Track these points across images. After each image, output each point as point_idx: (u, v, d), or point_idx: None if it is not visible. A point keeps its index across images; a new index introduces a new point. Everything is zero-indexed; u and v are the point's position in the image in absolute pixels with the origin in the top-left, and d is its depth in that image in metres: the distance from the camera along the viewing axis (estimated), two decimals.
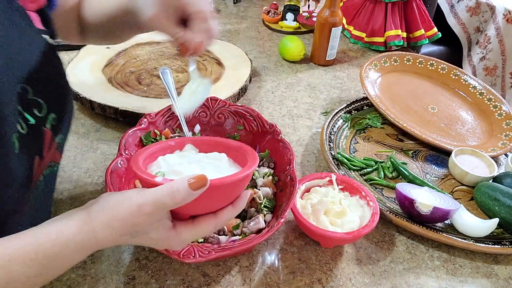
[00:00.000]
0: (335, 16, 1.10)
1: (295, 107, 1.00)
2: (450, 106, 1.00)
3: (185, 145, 0.56)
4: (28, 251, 0.41)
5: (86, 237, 0.43)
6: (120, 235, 0.44)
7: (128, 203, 0.43)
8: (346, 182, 0.71)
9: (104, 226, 0.43)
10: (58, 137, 0.52)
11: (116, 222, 0.43)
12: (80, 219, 0.43)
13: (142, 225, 0.43)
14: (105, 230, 0.43)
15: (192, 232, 0.46)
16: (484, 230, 0.68)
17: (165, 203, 0.42)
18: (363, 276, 0.63)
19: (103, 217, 0.43)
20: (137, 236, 0.44)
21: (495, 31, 1.87)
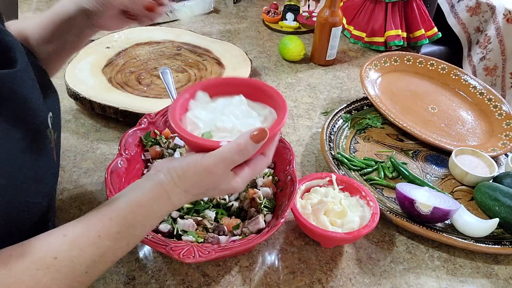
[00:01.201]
0: (335, 16, 1.10)
1: (295, 107, 1.00)
2: (450, 106, 1.00)
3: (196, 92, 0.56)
4: (114, 225, 0.44)
5: (163, 205, 0.47)
6: (194, 195, 0.48)
7: (197, 167, 0.46)
8: (346, 182, 0.71)
9: (177, 190, 0.47)
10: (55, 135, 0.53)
11: (188, 185, 0.47)
12: (153, 189, 0.46)
13: (214, 183, 0.47)
14: (179, 194, 0.47)
15: (250, 172, 0.49)
16: (484, 230, 0.68)
17: (235, 161, 0.46)
18: (363, 276, 0.63)
19: (174, 183, 0.46)
20: (209, 192, 0.49)
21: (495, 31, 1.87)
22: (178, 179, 0.47)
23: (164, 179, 0.47)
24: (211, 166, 0.46)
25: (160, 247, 0.54)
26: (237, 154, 0.46)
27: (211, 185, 0.47)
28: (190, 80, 1.00)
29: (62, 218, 0.68)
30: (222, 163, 0.46)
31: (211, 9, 1.43)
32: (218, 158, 0.46)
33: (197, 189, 0.48)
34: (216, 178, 0.47)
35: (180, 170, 0.47)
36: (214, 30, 1.32)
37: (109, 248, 0.44)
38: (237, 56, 1.10)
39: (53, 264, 0.40)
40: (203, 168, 0.46)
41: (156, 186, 0.47)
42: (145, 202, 0.46)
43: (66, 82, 0.92)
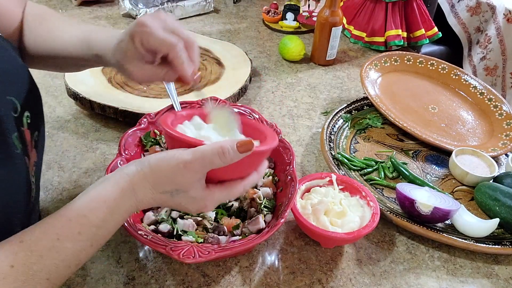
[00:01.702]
0: (335, 16, 1.10)
1: (295, 107, 1.00)
2: (451, 106, 1.00)
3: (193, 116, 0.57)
4: (74, 226, 0.41)
5: (127, 199, 0.43)
6: (161, 193, 0.45)
7: (172, 160, 0.44)
8: (346, 182, 0.70)
9: (144, 184, 0.43)
10: (34, 135, 0.51)
11: (159, 179, 0.44)
12: (118, 181, 0.44)
13: (185, 182, 0.44)
14: (146, 188, 0.44)
15: (224, 193, 0.48)
16: (484, 230, 0.68)
17: (213, 161, 0.44)
18: (363, 276, 0.63)
19: (143, 174, 0.44)
20: (177, 194, 0.45)
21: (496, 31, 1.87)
22: (149, 170, 0.44)
23: (133, 170, 0.44)
24: (188, 160, 0.43)
25: (160, 247, 0.53)
26: (218, 156, 0.44)
27: (181, 184, 0.44)
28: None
29: None
30: (200, 160, 0.43)
31: (211, 9, 1.43)
32: (197, 154, 0.44)
33: (166, 186, 0.44)
34: (189, 176, 0.44)
35: (154, 161, 0.44)
36: (214, 30, 1.32)
37: (70, 251, 0.41)
38: (237, 56, 1.10)
39: (10, 274, 0.37)
40: (179, 161, 0.43)
41: (122, 178, 0.44)
42: (107, 197, 0.43)
43: (66, 82, 0.92)
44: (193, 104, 0.76)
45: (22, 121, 0.47)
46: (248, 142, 0.45)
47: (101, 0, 1.43)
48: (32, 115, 0.50)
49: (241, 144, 0.44)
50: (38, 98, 0.54)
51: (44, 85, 1.00)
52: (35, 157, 0.51)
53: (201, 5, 1.40)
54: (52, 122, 0.89)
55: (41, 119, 0.55)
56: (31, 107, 0.50)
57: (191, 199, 0.46)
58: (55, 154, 0.81)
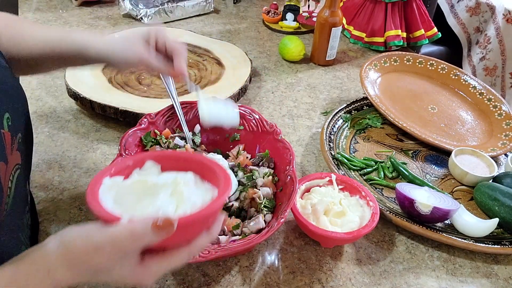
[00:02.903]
0: (335, 16, 1.10)
1: (295, 107, 1.00)
2: (450, 106, 1.00)
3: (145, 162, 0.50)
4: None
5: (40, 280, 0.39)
6: (79, 273, 0.40)
7: (85, 242, 0.39)
8: (346, 182, 0.71)
9: (61, 263, 0.39)
10: (17, 136, 0.50)
11: (73, 259, 0.39)
12: (35, 260, 0.40)
13: (102, 265, 0.40)
14: (63, 267, 0.39)
15: (163, 264, 0.42)
16: (484, 230, 0.68)
17: (125, 246, 0.39)
18: (363, 276, 0.63)
19: (60, 253, 0.39)
20: (99, 275, 0.41)
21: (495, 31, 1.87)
22: (65, 249, 0.39)
23: (50, 249, 0.40)
24: (98, 243, 0.38)
25: None
26: (129, 241, 0.38)
27: (100, 267, 0.40)
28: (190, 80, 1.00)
29: (63, 218, 0.68)
30: (110, 244, 0.38)
31: (211, 9, 1.43)
32: (107, 237, 0.39)
33: (83, 268, 0.40)
34: (105, 260, 0.39)
35: (70, 240, 0.40)
36: (214, 30, 1.32)
37: None
38: (237, 56, 1.10)
39: None
40: (90, 243, 0.39)
41: (37, 257, 0.40)
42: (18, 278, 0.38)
43: (67, 82, 0.92)
44: (193, 104, 0.76)
45: (2, 123, 0.45)
46: (166, 222, 0.38)
47: (102, 1, 1.44)
48: (13, 116, 0.48)
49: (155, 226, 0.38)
50: (21, 99, 0.53)
51: (45, 85, 1.00)
52: (18, 159, 0.50)
53: (201, 5, 1.40)
54: (53, 122, 0.89)
55: (25, 121, 0.53)
56: (13, 108, 0.49)
57: (119, 277, 0.41)
58: (56, 154, 0.81)
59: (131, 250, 0.40)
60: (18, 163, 0.50)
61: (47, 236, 0.65)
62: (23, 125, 0.53)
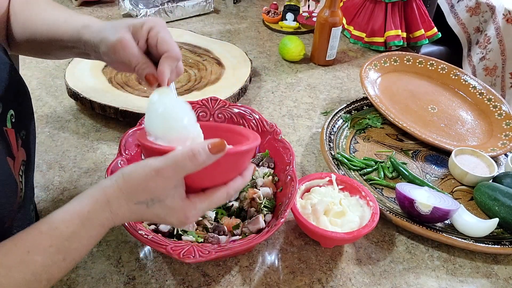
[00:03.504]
0: (335, 16, 1.10)
1: (295, 107, 1.00)
2: (450, 106, 1.00)
3: None
4: (45, 238, 0.39)
5: (100, 211, 0.42)
6: (135, 203, 0.43)
7: (144, 168, 0.42)
8: (346, 182, 0.71)
9: (118, 195, 0.42)
10: (21, 133, 0.50)
11: (132, 188, 0.42)
12: (94, 194, 0.42)
13: (159, 190, 0.42)
14: (120, 199, 0.42)
15: (206, 202, 0.45)
16: (484, 230, 0.68)
17: (186, 166, 0.42)
18: (363, 276, 0.63)
19: (117, 186, 0.42)
20: (153, 205, 0.43)
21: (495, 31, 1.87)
22: (123, 181, 0.42)
23: (108, 183, 0.42)
24: (159, 167, 0.42)
25: (160, 247, 0.54)
26: (190, 160, 0.42)
27: (156, 192, 0.42)
28: (190, 80, 1.00)
29: None
30: (171, 166, 0.42)
31: (211, 9, 1.43)
32: (168, 160, 0.42)
33: (140, 195, 0.42)
34: (163, 184, 0.42)
35: (127, 171, 0.43)
36: (214, 30, 1.32)
37: (40, 264, 0.39)
38: (237, 56, 1.10)
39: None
40: (151, 168, 0.42)
41: (97, 191, 0.42)
42: (80, 210, 0.42)
43: (67, 82, 0.92)
44: (193, 104, 0.76)
45: (6, 120, 0.46)
46: (220, 143, 0.43)
47: (102, 0, 1.44)
48: (17, 114, 0.49)
49: (213, 145, 0.42)
50: (25, 96, 0.53)
51: (45, 85, 1.00)
52: (23, 156, 0.50)
53: (201, 5, 1.40)
54: (53, 122, 0.89)
55: (29, 118, 0.54)
56: (16, 105, 0.49)
57: (169, 210, 0.44)
58: (56, 154, 0.81)
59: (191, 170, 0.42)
60: (23, 159, 0.50)
61: None
62: (27, 122, 0.53)
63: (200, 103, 0.76)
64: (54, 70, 1.06)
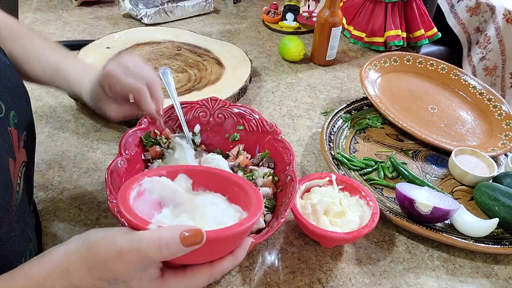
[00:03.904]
0: (335, 16, 1.10)
1: (295, 107, 1.00)
2: (450, 106, 1.00)
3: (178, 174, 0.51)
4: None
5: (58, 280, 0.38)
6: (98, 279, 0.38)
7: (109, 245, 0.38)
8: (346, 182, 0.71)
9: (80, 265, 0.38)
10: (22, 134, 0.50)
11: (94, 262, 0.38)
12: (55, 258, 0.39)
13: (122, 273, 0.38)
14: (82, 271, 0.38)
15: (183, 283, 0.40)
16: (484, 230, 0.68)
17: (150, 256, 0.37)
18: (363, 276, 0.63)
19: (81, 255, 0.39)
20: (116, 284, 0.39)
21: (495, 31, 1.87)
22: (87, 250, 0.38)
23: (72, 249, 0.39)
24: (122, 249, 0.37)
25: None
26: (155, 251, 0.36)
27: (118, 274, 0.38)
28: (190, 80, 1.00)
29: (62, 218, 0.68)
30: (135, 252, 0.37)
31: (211, 9, 1.43)
32: (133, 243, 0.37)
33: (102, 272, 0.38)
34: (126, 267, 0.37)
35: (94, 240, 0.39)
36: (214, 30, 1.32)
37: None
38: (237, 56, 1.10)
39: None
40: (114, 248, 0.37)
41: (60, 255, 0.39)
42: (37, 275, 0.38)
43: None
44: (193, 104, 0.76)
45: (9, 121, 0.46)
46: (196, 233, 0.36)
47: (102, 0, 1.44)
48: (19, 115, 0.49)
49: (185, 236, 0.36)
50: (25, 97, 0.53)
51: None
52: (24, 157, 0.50)
53: (201, 5, 1.40)
54: (53, 122, 0.89)
55: (29, 119, 0.54)
56: (18, 107, 0.49)
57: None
58: (56, 154, 0.81)
59: (156, 260, 0.38)
60: (24, 160, 0.50)
61: (47, 236, 0.65)
62: (28, 124, 0.53)
63: (200, 103, 0.76)
64: None
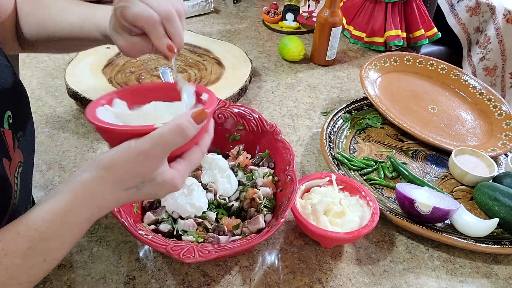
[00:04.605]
0: (335, 16, 1.10)
1: (295, 107, 1.00)
2: (450, 106, 1.00)
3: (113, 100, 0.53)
4: (23, 241, 0.38)
5: (84, 208, 0.40)
6: (125, 190, 0.41)
7: (130, 153, 0.40)
8: (346, 182, 0.71)
9: (104, 187, 0.40)
10: (18, 134, 0.50)
11: (119, 176, 0.40)
12: (74, 189, 0.40)
13: (150, 172, 0.41)
14: (105, 192, 0.40)
15: (188, 166, 0.45)
16: (484, 230, 0.68)
17: (176, 143, 0.41)
18: (363, 276, 0.63)
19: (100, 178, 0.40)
20: (143, 186, 0.42)
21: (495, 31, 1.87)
22: (105, 171, 0.40)
23: (88, 177, 0.40)
24: (147, 149, 0.39)
25: (160, 247, 0.54)
26: (179, 135, 0.40)
27: (146, 174, 0.41)
28: (190, 80, 1.00)
29: None
30: (160, 145, 0.40)
31: (211, 9, 1.43)
32: (156, 139, 0.39)
33: (129, 181, 0.41)
34: (153, 165, 0.40)
35: (108, 160, 0.40)
36: (214, 30, 1.32)
37: (19, 267, 0.37)
38: (237, 56, 1.10)
39: None
40: (138, 152, 0.39)
41: (76, 187, 0.40)
42: (60, 208, 0.39)
43: (67, 82, 0.92)
44: None
45: (3, 121, 0.46)
46: (202, 112, 0.42)
47: (102, 0, 1.43)
48: (14, 115, 0.48)
49: (196, 115, 0.41)
50: (23, 97, 0.53)
51: (45, 85, 1.00)
52: (20, 157, 0.50)
53: (201, 5, 1.40)
54: (53, 122, 0.89)
55: (27, 119, 0.54)
56: (14, 107, 0.49)
57: (160, 186, 0.43)
58: (56, 154, 0.81)
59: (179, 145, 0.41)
60: (20, 160, 0.50)
61: None
62: (25, 124, 0.53)
63: None
64: (54, 70, 1.06)
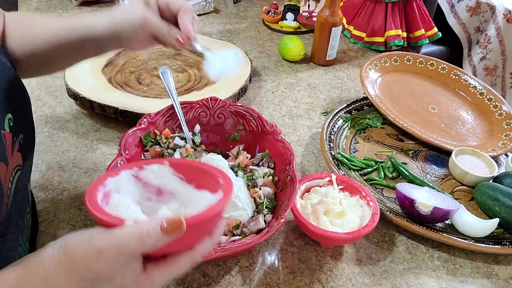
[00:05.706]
0: (335, 16, 1.10)
1: (295, 107, 1.00)
2: (450, 106, 1.00)
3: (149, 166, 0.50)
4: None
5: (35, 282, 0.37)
6: (80, 281, 0.37)
7: (87, 245, 0.37)
8: (346, 182, 0.70)
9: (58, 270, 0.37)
10: (18, 137, 0.49)
11: (73, 264, 0.37)
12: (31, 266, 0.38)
13: (104, 272, 0.37)
14: (60, 275, 0.37)
15: (166, 272, 0.40)
16: (484, 230, 0.68)
17: (132, 249, 0.37)
18: (363, 276, 0.63)
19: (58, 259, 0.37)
20: (99, 284, 0.38)
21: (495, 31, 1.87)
22: (64, 255, 0.37)
23: (49, 254, 0.38)
24: (101, 247, 0.36)
25: None
26: (137, 243, 0.36)
27: (100, 273, 0.37)
28: (190, 80, 1.00)
29: (62, 219, 0.68)
30: (116, 248, 0.36)
31: (211, 9, 1.43)
32: (113, 240, 0.37)
33: (83, 275, 0.37)
34: (108, 264, 0.37)
35: (70, 244, 0.38)
36: (214, 30, 1.32)
37: None
38: None
39: None
40: (93, 247, 0.37)
41: (35, 262, 0.38)
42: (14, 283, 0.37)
43: (66, 82, 0.92)
44: (193, 104, 0.76)
45: (3, 124, 0.45)
46: (176, 221, 0.37)
47: (102, 0, 1.44)
48: (15, 117, 0.48)
49: (167, 225, 0.37)
50: (24, 100, 0.53)
51: (44, 85, 1.00)
52: (18, 160, 0.49)
53: (201, 5, 1.40)
54: (52, 122, 0.89)
55: (28, 122, 0.53)
56: (15, 109, 0.48)
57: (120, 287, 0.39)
58: (55, 154, 0.81)
59: (137, 254, 0.38)
60: (19, 164, 0.50)
61: (46, 236, 0.65)
62: (26, 126, 0.53)
63: (200, 103, 0.76)
64: None
